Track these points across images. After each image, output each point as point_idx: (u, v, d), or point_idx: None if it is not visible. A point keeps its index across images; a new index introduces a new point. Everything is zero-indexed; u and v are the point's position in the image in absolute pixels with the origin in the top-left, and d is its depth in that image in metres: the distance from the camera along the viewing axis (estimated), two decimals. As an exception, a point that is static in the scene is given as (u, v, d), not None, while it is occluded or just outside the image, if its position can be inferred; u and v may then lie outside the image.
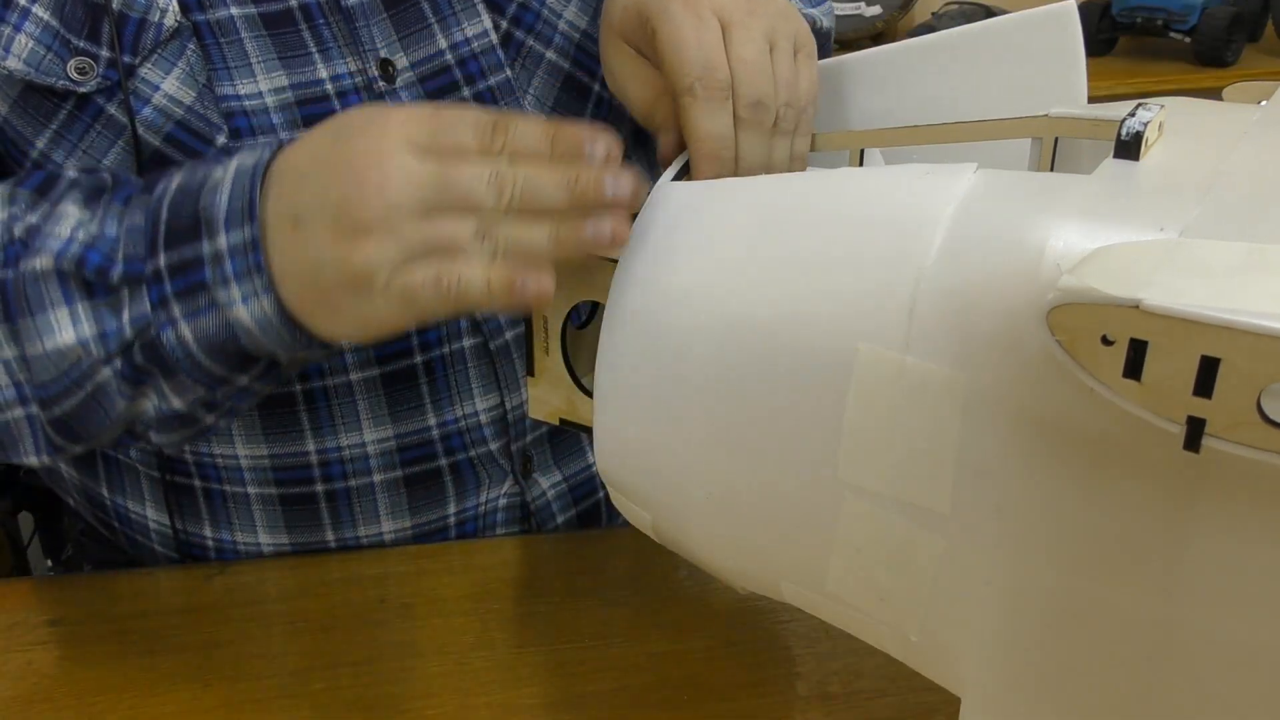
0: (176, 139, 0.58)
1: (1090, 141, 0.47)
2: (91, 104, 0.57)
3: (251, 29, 0.59)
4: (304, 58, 0.60)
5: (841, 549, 0.40)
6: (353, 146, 0.46)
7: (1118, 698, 0.37)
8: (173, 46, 0.58)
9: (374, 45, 0.61)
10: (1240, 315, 0.28)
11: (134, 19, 0.57)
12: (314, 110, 0.60)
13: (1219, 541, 0.33)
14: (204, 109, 0.58)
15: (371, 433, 0.66)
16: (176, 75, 0.58)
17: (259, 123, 0.59)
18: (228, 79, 0.59)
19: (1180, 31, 1.82)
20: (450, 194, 0.44)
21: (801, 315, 0.38)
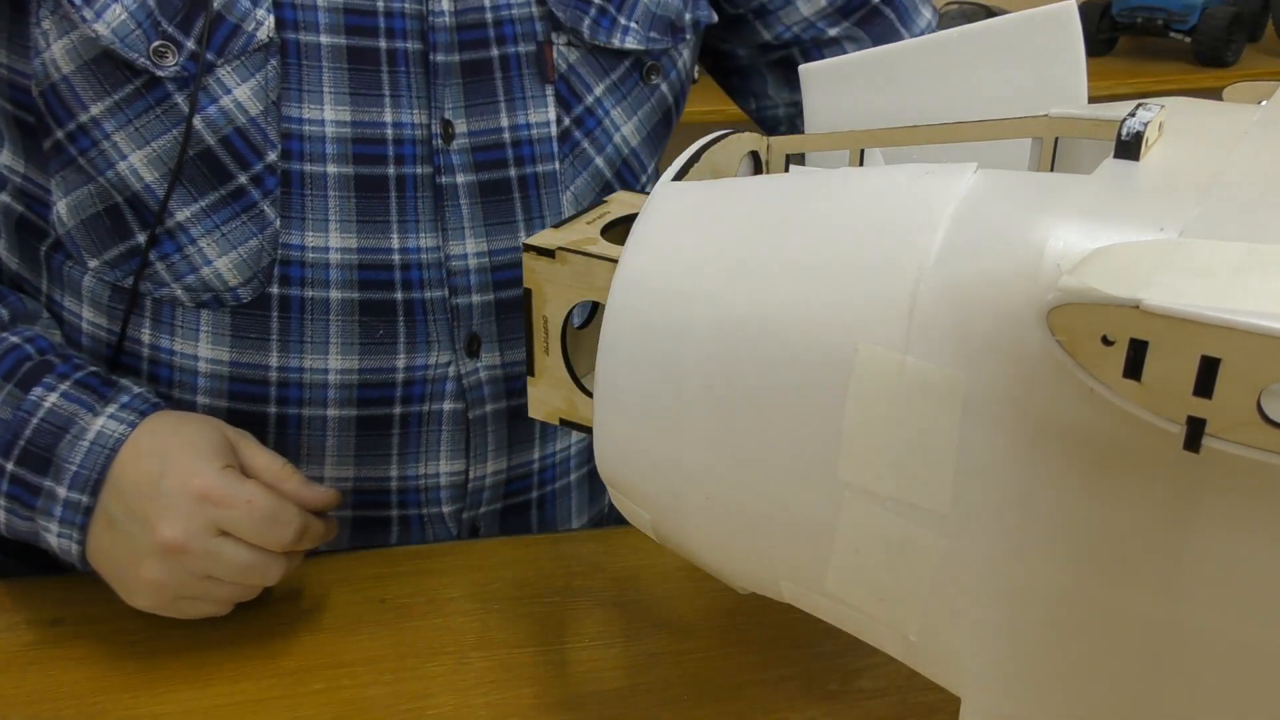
0: (231, 143, 0.59)
1: (1090, 141, 0.47)
2: (160, 88, 0.58)
3: (334, 60, 0.60)
4: (375, 98, 0.61)
5: (841, 549, 0.40)
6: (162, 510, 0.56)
7: (1118, 697, 0.37)
8: (257, 58, 0.59)
9: (441, 105, 0.63)
10: (1240, 315, 0.28)
11: (229, 22, 0.58)
12: (367, 150, 0.62)
13: (1219, 541, 0.33)
14: (266, 124, 0.59)
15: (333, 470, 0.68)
16: (251, 86, 0.59)
17: (311, 150, 0.60)
18: (297, 101, 0.60)
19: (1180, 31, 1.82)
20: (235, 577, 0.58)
21: (801, 315, 0.38)
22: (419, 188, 0.63)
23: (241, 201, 0.60)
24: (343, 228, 0.62)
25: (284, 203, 0.61)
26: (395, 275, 0.63)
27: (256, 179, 0.60)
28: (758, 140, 0.52)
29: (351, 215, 0.62)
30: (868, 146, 0.52)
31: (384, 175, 0.62)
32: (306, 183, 0.61)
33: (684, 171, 0.46)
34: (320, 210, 0.61)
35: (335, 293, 0.63)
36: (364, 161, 0.61)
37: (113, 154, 0.60)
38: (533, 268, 0.48)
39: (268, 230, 0.61)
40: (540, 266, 0.48)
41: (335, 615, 0.63)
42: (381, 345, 0.64)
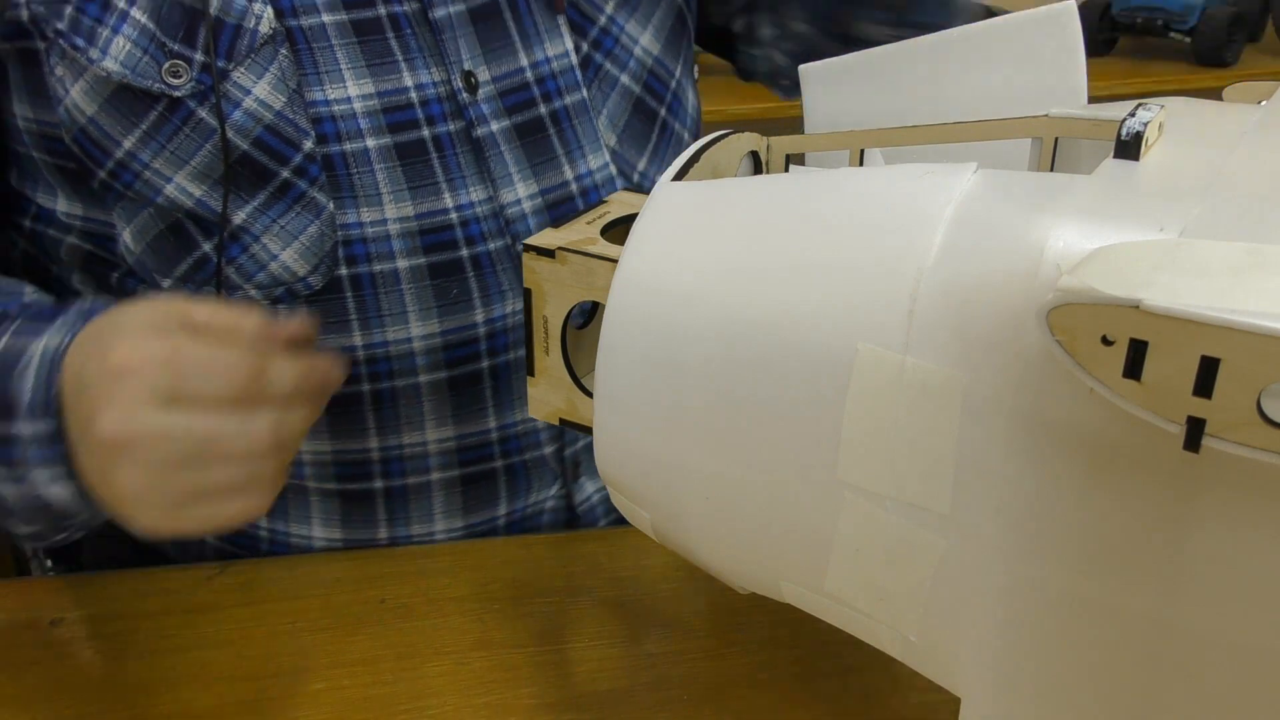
0: (265, 142, 0.60)
1: (1090, 141, 0.47)
2: (183, 107, 0.58)
3: (342, 36, 0.61)
4: (390, 65, 0.62)
5: (841, 549, 0.40)
6: (94, 395, 0.47)
7: (1117, 697, 0.37)
8: (265, 52, 0.59)
9: (459, 57, 0.63)
10: (1240, 315, 0.28)
11: (230, 25, 0.58)
12: (399, 117, 0.62)
13: (1219, 541, 0.33)
14: (293, 114, 0.60)
15: (434, 432, 0.67)
16: (268, 80, 0.59)
17: (346, 128, 0.61)
18: (318, 84, 0.60)
19: (1180, 31, 1.82)
20: (201, 453, 0.46)
21: (801, 315, 0.38)
22: (457, 144, 0.63)
23: (291, 193, 0.61)
24: (395, 198, 0.62)
25: (332, 185, 0.61)
26: (456, 233, 0.64)
27: (299, 170, 0.60)
28: (758, 140, 0.52)
29: (401, 184, 0.62)
30: (868, 146, 0.52)
31: (420, 139, 0.63)
32: (350, 161, 0.61)
33: (684, 171, 0.46)
34: (370, 185, 0.62)
35: (402, 262, 0.63)
36: (398, 129, 0.62)
37: (157, 180, 0.60)
38: (533, 268, 0.48)
39: (324, 214, 0.61)
40: (540, 266, 0.48)
41: (335, 615, 0.63)
42: (457, 304, 0.65)
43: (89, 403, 0.47)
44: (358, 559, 0.67)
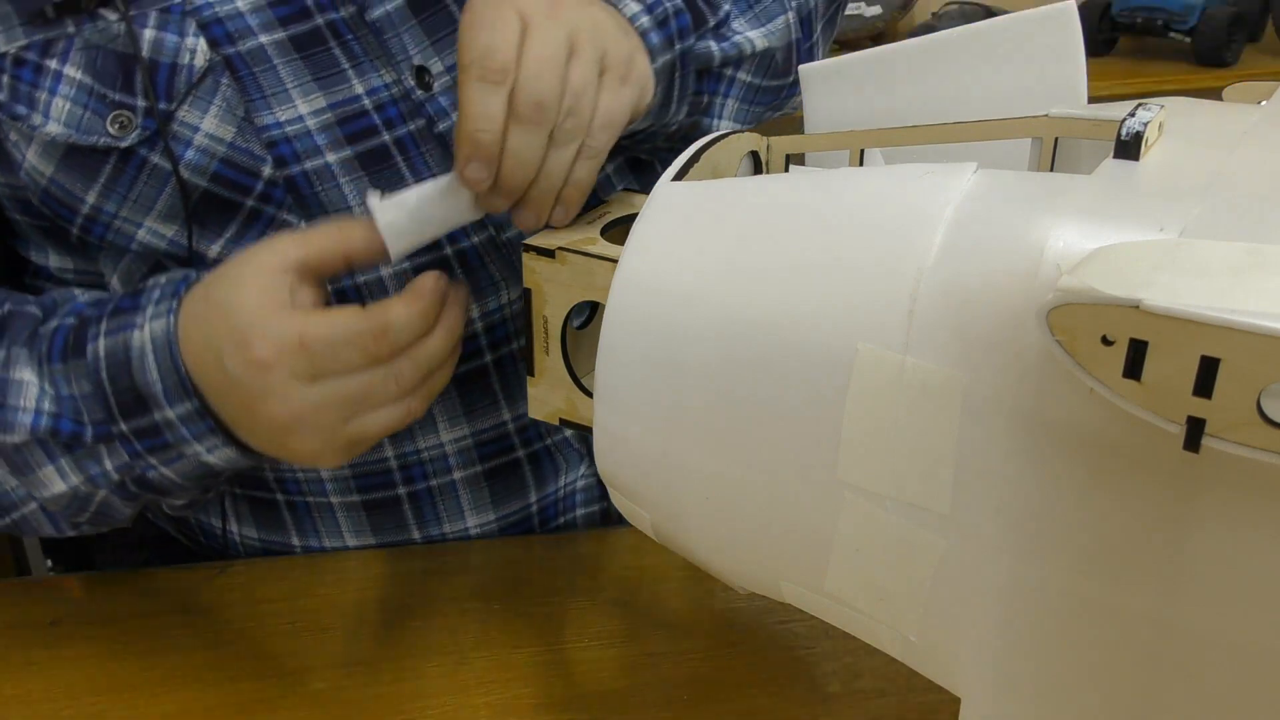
0: (223, 176, 0.59)
1: (1090, 141, 0.47)
2: (135, 156, 0.58)
3: (283, 54, 0.59)
4: (338, 75, 0.60)
5: (841, 549, 0.40)
6: (248, 388, 0.50)
7: (1118, 697, 0.37)
8: (206, 85, 0.58)
9: (406, 54, 0.61)
10: (1240, 315, 0.28)
11: (165, 64, 0.57)
12: (356, 127, 0.61)
13: (1219, 541, 0.33)
14: (246, 142, 0.59)
15: (448, 432, 0.67)
16: (214, 113, 0.58)
17: (303, 147, 0.60)
18: (266, 108, 0.59)
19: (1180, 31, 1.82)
20: (363, 404, 0.51)
21: (801, 315, 0.38)
22: (420, 143, 0.62)
23: (261, 220, 0.60)
24: None
25: (300, 205, 0.60)
26: None
27: (264, 196, 0.59)
28: (758, 140, 0.52)
29: None
30: (868, 146, 0.52)
31: (383, 144, 0.61)
32: (313, 180, 0.60)
33: (684, 171, 0.46)
34: (338, 200, 0.61)
35: (386, 270, 0.62)
36: (356, 139, 0.61)
37: (128, 228, 0.59)
38: (533, 268, 0.48)
39: None
40: (540, 266, 0.48)
41: (335, 615, 0.63)
42: None
43: (243, 395, 0.51)
44: (358, 559, 0.67)
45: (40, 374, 0.55)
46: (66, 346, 0.55)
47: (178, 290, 0.54)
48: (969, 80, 0.55)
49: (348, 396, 0.50)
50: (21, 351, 0.55)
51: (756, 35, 0.67)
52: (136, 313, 0.54)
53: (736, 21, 0.67)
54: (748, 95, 0.69)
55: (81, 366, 0.54)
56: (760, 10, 0.69)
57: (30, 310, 0.57)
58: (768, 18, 0.69)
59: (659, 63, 0.57)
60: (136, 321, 0.54)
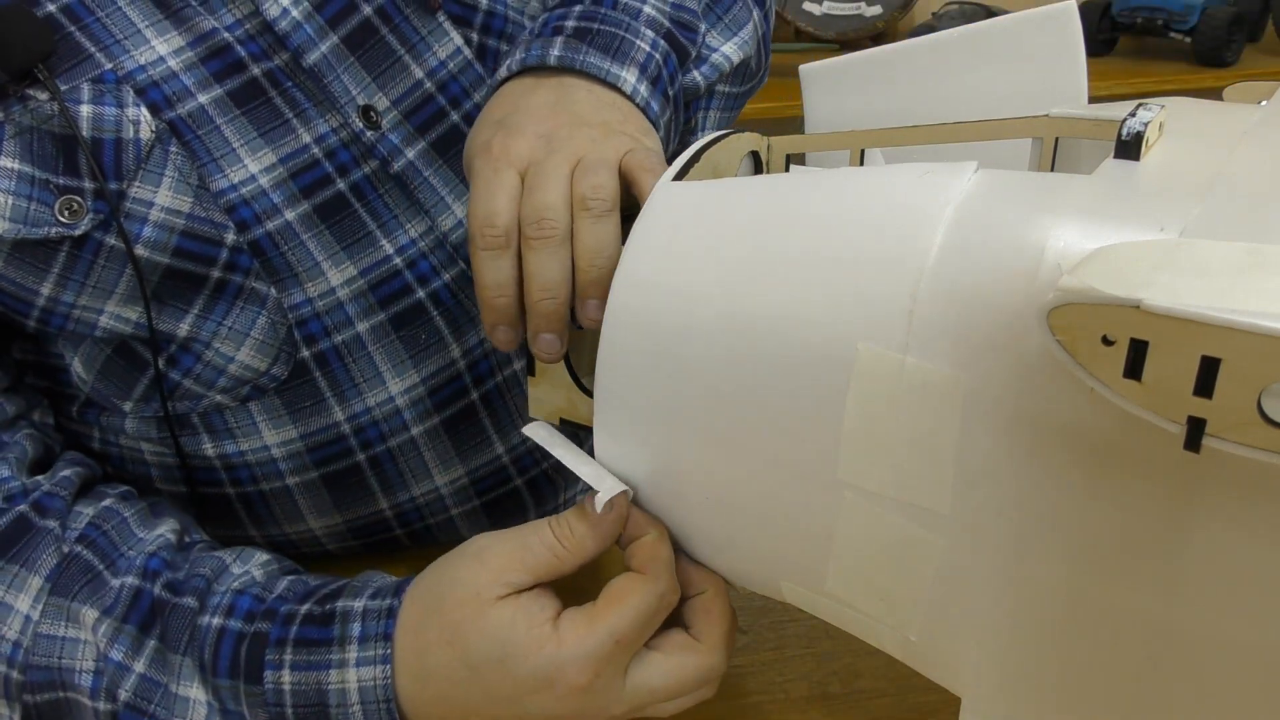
0: (185, 250, 0.55)
1: (1090, 141, 0.47)
2: (90, 241, 0.54)
3: (224, 112, 0.56)
4: (283, 127, 0.57)
5: (841, 549, 0.40)
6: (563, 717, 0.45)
7: (1118, 697, 0.37)
8: (156, 155, 0.54)
9: (349, 95, 0.59)
10: (1240, 315, 0.28)
11: (109, 140, 0.53)
12: (309, 178, 0.58)
13: (1219, 541, 0.33)
14: (205, 211, 0.55)
15: (443, 476, 0.65)
16: (168, 185, 0.54)
17: (261, 207, 0.57)
18: (218, 171, 0.56)
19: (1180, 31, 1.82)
20: None
21: (801, 315, 0.38)
22: (378, 185, 0.60)
23: (229, 291, 0.57)
24: (335, 261, 0.59)
25: (268, 270, 0.58)
26: (407, 278, 0.61)
27: (230, 265, 0.57)
28: (758, 140, 0.52)
29: (335, 246, 0.59)
30: (868, 146, 0.52)
31: (339, 193, 0.59)
32: (277, 240, 0.58)
33: (684, 171, 0.46)
34: (305, 258, 0.58)
35: (362, 325, 0.60)
36: (312, 191, 0.58)
37: (88, 316, 0.56)
38: (533, 268, 0.48)
39: (269, 303, 0.58)
40: (540, 266, 0.48)
41: (335, 615, 0.63)
42: (429, 348, 0.62)
43: None
44: (358, 560, 0.67)
45: (209, 694, 0.49)
46: (237, 659, 0.48)
47: (388, 621, 0.48)
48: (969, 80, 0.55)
49: None
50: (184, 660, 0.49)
51: (731, 49, 0.67)
52: (335, 646, 0.48)
53: (710, 36, 0.66)
54: (727, 104, 0.69)
55: (257, 695, 0.48)
56: (730, 19, 0.68)
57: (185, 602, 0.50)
58: (738, 25, 0.68)
59: (660, 127, 0.57)
60: (333, 657, 0.48)
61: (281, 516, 0.64)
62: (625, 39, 0.57)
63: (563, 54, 0.55)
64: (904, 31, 2.01)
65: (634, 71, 0.56)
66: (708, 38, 0.66)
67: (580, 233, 0.46)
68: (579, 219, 0.47)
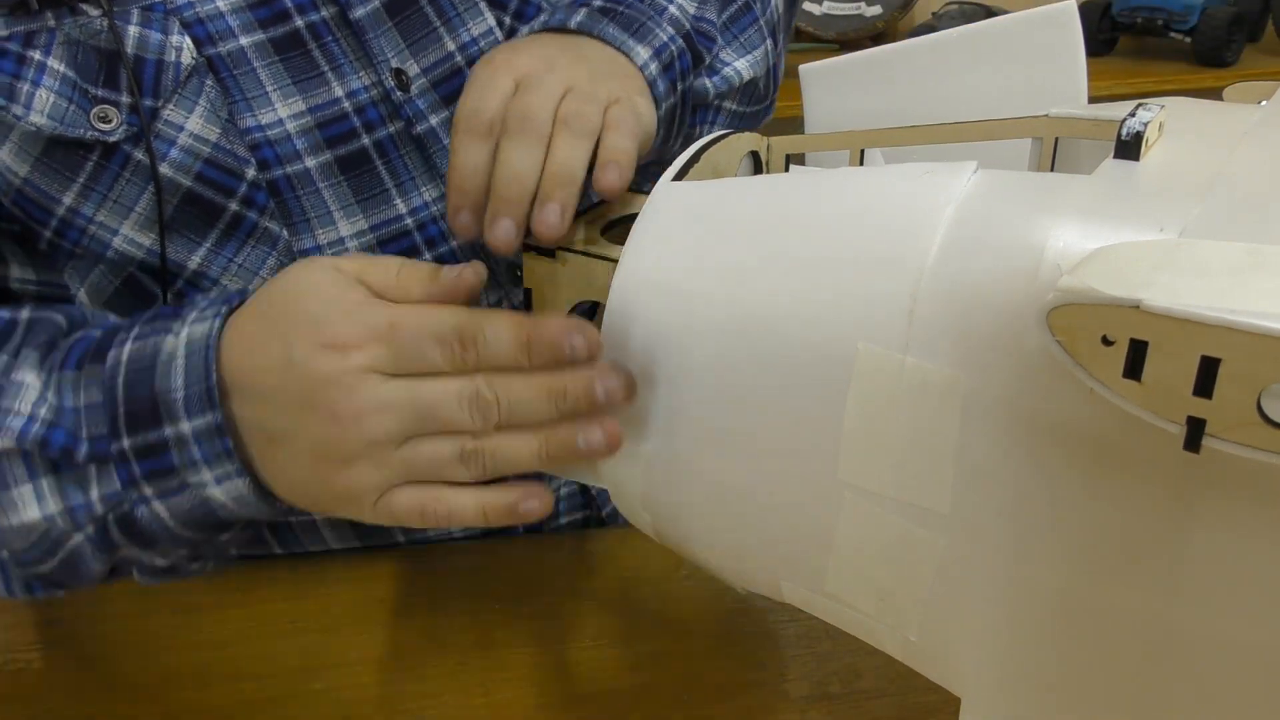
0: (206, 177, 0.58)
1: (1090, 141, 0.47)
2: (118, 152, 0.56)
3: (263, 57, 0.59)
4: (317, 79, 0.60)
5: (841, 549, 0.40)
6: (314, 371, 0.44)
7: (1118, 697, 0.37)
8: (192, 84, 0.57)
9: (384, 56, 0.61)
10: (1240, 315, 0.28)
11: (150, 61, 0.56)
12: (336, 130, 0.60)
13: (1219, 541, 0.33)
14: (230, 144, 0.58)
15: None
16: (200, 113, 0.57)
17: (284, 151, 0.59)
18: (248, 110, 0.58)
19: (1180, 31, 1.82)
20: (428, 421, 0.44)
21: (801, 315, 0.38)
22: (400, 146, 0.62)
23: (243, 227, 0.59)
24: (348, 213, 0.61)
25: (282, 212, 0.60)
26: (416, 239, 0.63)
27: (246, 200, 0.59)
28: (758, 140, 0.52)
29: (350, 198, 0.61)
30: (868, 146, 0.52)
31: (362, 148, 0.61)
32: (295, 184, 0.60)
33: (684, 171, 0.46)
34: (319, 205, 0.60)
35: None
36: (336, 143, 0.60)
37: (103, 234, 0.58)
38: (533, 268, 0.48)
39: (280, 244, 0.60)
40: (540, 266, 0.48)
41: (335, 615, 0.63)
42: None
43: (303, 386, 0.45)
44: (358, 559, 0.67)
45: (46, 380, 0.50)
46: (85, 355, 0.50)
47: (230, 299, 0.49)
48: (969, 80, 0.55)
49: (417, 403, 0.44)
50: (32, 354, 0.51)
51: (744, 66, 0.68)
52: (176, 320, 0.49)
53: (724, 51, 0.68)
54: (732, 122, 0.70)
55: (96, 373, 0.49)
56: (744, 39, 0.70)
57: (55, 319, 0.53)
58: (751, 46, 0.70)
59: (663, 108, 0.58)
60: (173, 327, 0.49)
61: None
62: (646, 25, 0.59)
63: (584, 21, 0.58)
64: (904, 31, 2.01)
65: (648, 50, 0.58)
66: (721, 53, 0.68)
67: (555, 143, 0.48)
68: (558, 132, 0.48)
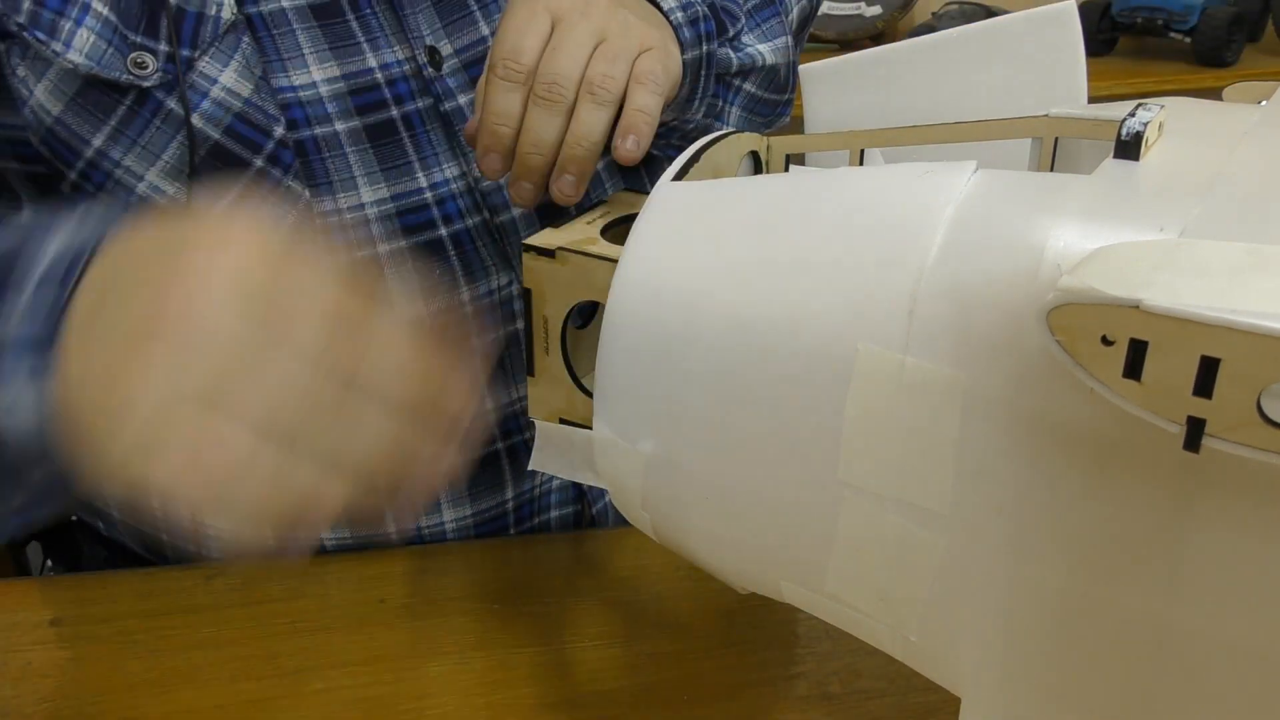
0: (236, 131, 0.59)
1: (1090, 141, 0.47)
2: (151, 98, 0.58)
3: (302, 20, 0.60)
4: (353, 47, 0.62)
5: (841, 549, 0.40)
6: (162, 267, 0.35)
7: (1118, 697, 0.37)
8: (229, 40, 0.58)
9: (420, 33, 0.63)
10: (1240, 315, 0.28)
11: (191, 13, 0.58)
12: (367, 99, 0.62)
13: (1219, 541, 0.33)
14: (261, 101, 0.59)
15: None
16: (234, 68, 0.58)
17: (314, 113, 0.61)
18: (282, 70, 0.60)
19: (1180, 31, 1.82)
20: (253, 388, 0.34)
21: (801, 315, 0.38)
22: (426, 121, 0.63)
23: (267, 184, 0.60)
24: (370, 180, 0.62)
25: (306, 172, 0.61)
26: (433, 213, 0.64)
27: (272, 157, 0.60)
28: (758, 140, 0.52)
29: (374, 166, 0.62)
30: (868, 146, 0.52)
31: (390, 119, 0.62)
32: (321, 147, 0.61)
33: (684, 171, 0.46)
34: (344, 169, 0.62)
35: (383, 247, 0.63)
36: (366, 111, 0.62)
37: (129, 179, 0.59)
38: (533, 268, 0.48)
39: (300, 204, 0.61)
40: (540, 266, 0.48)
41: (335, 615, 0.63)
42: (441, 284, 0.65)
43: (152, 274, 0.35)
44: (358, 559, 0.67)
45: None
46: None
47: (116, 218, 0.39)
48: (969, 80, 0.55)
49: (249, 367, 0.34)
50: None
51: (766, 49, 0.70)
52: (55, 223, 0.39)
53: (747, 35, 0.69)
54: (750, 105, 0.71)
55: None
56: (766, 28, 0.71)
57: None
58: (773, 35, 0.71)
59: (689, 56, 0.59)
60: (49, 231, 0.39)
61: None
62: None
63: None
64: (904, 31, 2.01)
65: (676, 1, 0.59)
66: (744, 35, 0.69)
67: (579, 114, 0.50)
68: (583, 100, 0.50)
